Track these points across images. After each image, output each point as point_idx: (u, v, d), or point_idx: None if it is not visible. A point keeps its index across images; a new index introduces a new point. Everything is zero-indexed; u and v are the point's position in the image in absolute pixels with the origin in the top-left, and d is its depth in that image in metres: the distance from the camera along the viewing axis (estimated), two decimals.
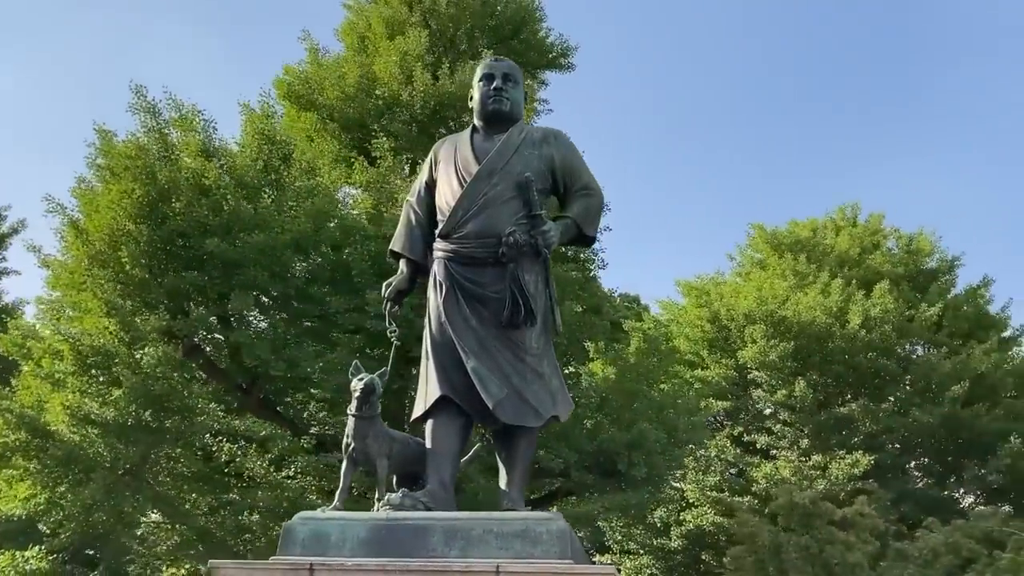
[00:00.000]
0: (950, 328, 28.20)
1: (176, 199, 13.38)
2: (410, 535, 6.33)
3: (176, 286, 13.44)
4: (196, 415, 12.72)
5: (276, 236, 13.32)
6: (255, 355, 13.26)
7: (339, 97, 17.52)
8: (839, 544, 14.33)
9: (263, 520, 13.45)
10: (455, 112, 17.40)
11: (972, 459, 24.78)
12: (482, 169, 7.53)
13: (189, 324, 13.18)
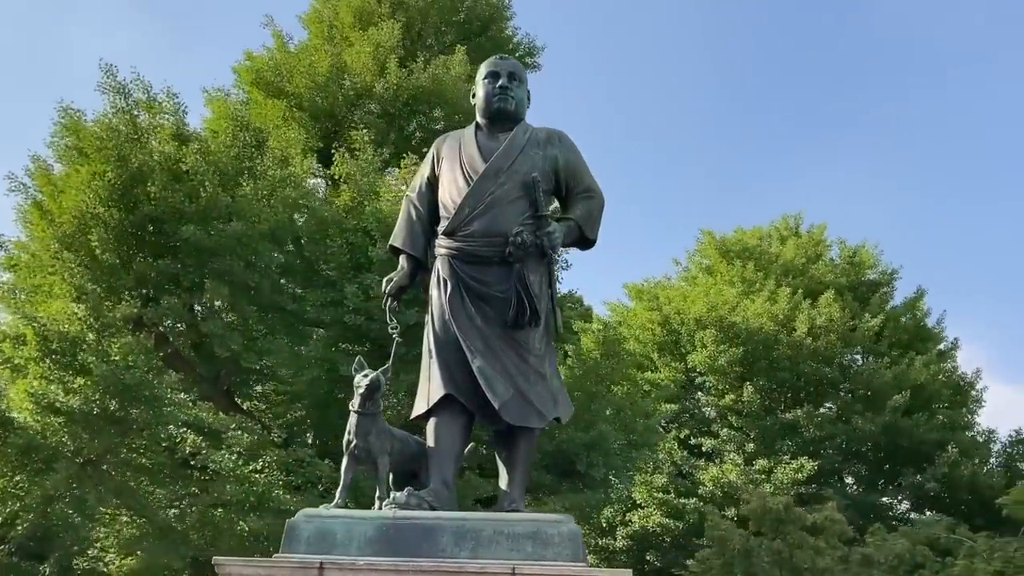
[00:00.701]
0: (890, 339, 29.02)
1: (152, 183, 12.98)
2: (419, 535, 6.26)
3: (147, 273, 13.04)
4: (165, 406, 12.37)
5: (253, 225, 13.02)
6: (227, 346, 12.94)
7: (308, 86, 17.25)
8: (809, 549, 14.64)
9: (228, 515, 13.16)
10: (427, 106, 17.27)
11: (909, 467, 25.51)
12: (489, 168, 7.49)
13: (160, 313, 12.80)
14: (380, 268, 13.13)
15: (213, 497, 12.94)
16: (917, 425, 25.13)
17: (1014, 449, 27.59)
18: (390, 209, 13.44)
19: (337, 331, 13.62)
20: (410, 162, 14.80)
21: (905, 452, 25.25)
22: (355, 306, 13.08)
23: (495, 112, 7.79)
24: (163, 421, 12.37)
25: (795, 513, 15.67)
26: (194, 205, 12.93)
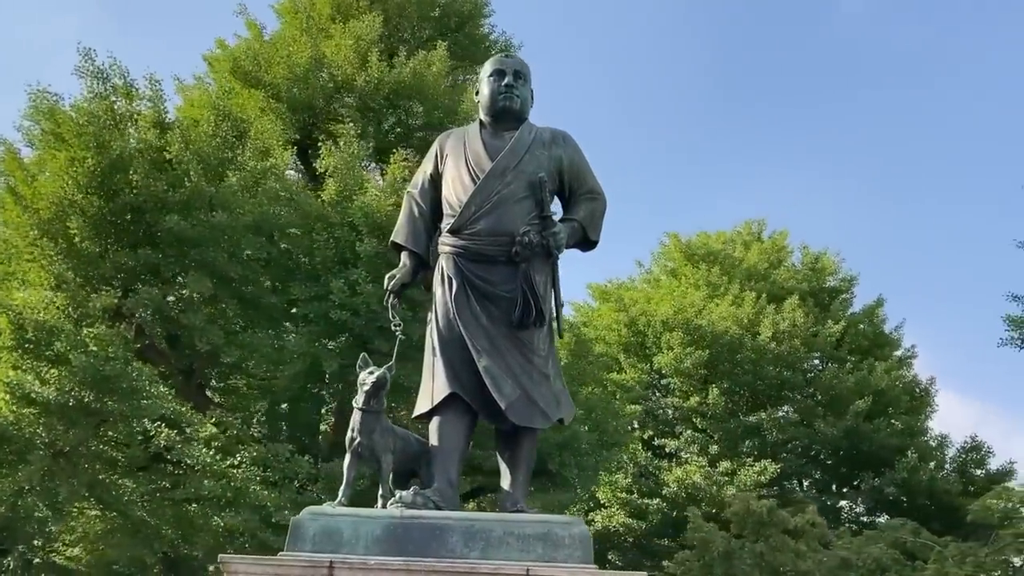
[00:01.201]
0: (850, 345, 29.49)
1: (134, 171, 12.66)
2: (427, 535, 6.20)
3: (126, 263, 12.72)
4: (143, 398, 12.08)
5: (238, 217, 12.77)
6: (207, 339, 12.68)
7: (286, 76, 16.99)
8: (790, 552, 14.82)
9: (202, 510, 12.89)
10: (408, 102, 17.10)
11: (869, 471, 25.97)
12: (495, 166, 7.44)
13: (139, 303, 12.49)
14: (366, 263, 13.01)
15: (190, 492, 12.68)
16: (878, 430, 25.59)
17: (968, 455, 28.16)
18: (378, 204, 13.30)
19: (320, 326, 13.44)
20: (400, 157, 14.66)
21: (865, 456, 25.69)
22: (340, 301, 12.92)
23: (500, 110, 7.75)
24: (140, 414, 12.09)
25: (778, 516, 15.85)
26: (177, 195, 12.64)
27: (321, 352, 13.06)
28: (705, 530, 16.04)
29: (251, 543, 12.87)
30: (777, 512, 16.07)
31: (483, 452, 15.15)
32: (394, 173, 14.19)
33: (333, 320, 13.09)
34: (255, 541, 12.75)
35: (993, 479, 27.73)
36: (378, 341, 13.21)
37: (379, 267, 12.91)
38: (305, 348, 12.93)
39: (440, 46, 17.96)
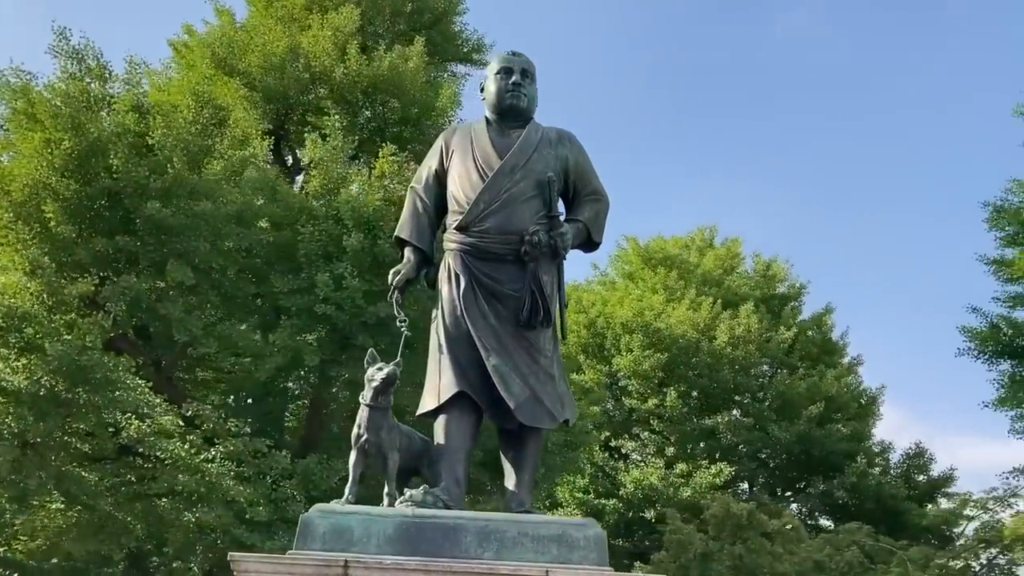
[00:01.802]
0: (800, 351, 30.06)
1: (114, 155, 12.26)
2: (441, 534, 6.14)
3: (104, 250, 12.32)
4: (117, 389, 11.70)
5: (221, 206, 12.46)
6: (186, 330, 12.35)
7: (261, 65, 16.65)
8: (767, 555, 15.03)
9: (174, 505, 12.54)
10: (385, 96, 16.88)
11: (819, 475, 26.49)
12: (505, 164, 7.41)
13: (117, 291, 12.10)
14: (352, 257, 12.83)
15: (161, 486, 12.34)
16: (828, 435, 26.11)
17: (911, 462, 28.90)
18: (365, 198, 13.12)
19: (302, 320, 13.20)
20: (387, 152, 14.47)
21: (816, 461, 26.19)
22: (325, 295, 12.71)
23: (507, 108, 7.70)
24: (114, 406, 11.72)
25: (757, 519, 16.08)
26: (159, 181, 12.29)
27: (302, 346, 12.84)
28: (684, 532, 16.19)
29: (224, 540, 12.62)
30: (756, 515, 16.30)
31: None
32: (382, 168, 14.01)
33: (317, 314, 12.88)
34: (228, 538, 12.49)
35: (935, 484, 28.60)
36: (362, 337, 13.04)
37: (364, 262, 12.79)
38: (287, 342, 12.71)
39: (418, 41, 17.82)
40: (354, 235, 12.84)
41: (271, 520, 12.46)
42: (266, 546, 12.20)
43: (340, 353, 13.36)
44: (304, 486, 13.06)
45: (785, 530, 16.16)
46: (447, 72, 21.37)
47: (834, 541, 17.18)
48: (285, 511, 12.61)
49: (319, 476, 13.11)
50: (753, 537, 15.40)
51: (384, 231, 13.12)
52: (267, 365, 12.82)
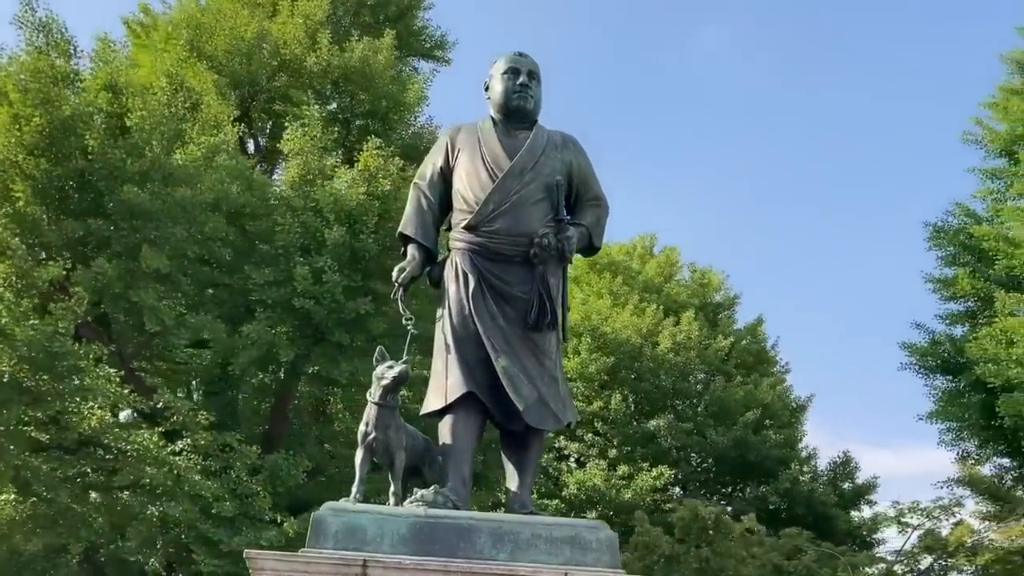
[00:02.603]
0: (736, 360, 30.72)
1: (90, 136, 11.81)
2: (455, 535, 6.16)
3: (75, 233, 11.85)
4: (86, 378, 11.26)
5: (199, 193, 12.11)
6: (158, 320, 11.97)
7: (228, 49, 16.23)
8: (730, 557, 15.32)
9: (138, 499, 12.11)
10: (355, 87, 16.63)
11: (754, 480, 27.13)
12: (514, 165, 7.45)
13: (89, 277, 11.65)
14: (331, 251, 12.63)
15: (126, 479, 11.94)
16: (763, 442, 26.74)
17: (838, 469, 29.78)
18: (347, 192, 12.94)
19: (277, 312, 12.94)
20: (373, 145, 14.28)
21: (751, 466, 26.79)
22: (303, 289, 12.48)
23: (513, 109, 7.74)
24: (81, 395, 11.29)
25: (724, 522, 16.39)
26: (137, 164, 11.88)
27: (276, 340, 12.60)
28: (652, 534, 16.41)
29: (188, 535, 12.31)
30: (723, 519, 16.64)
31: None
32: (366, 162, 13.83)
33: (293, 308, 12.65)
34: (193, 533, 12.18)
35: (859, 491, 29.56)
36: (338, 333, 12.87)
37: (343, 256, 12.62)
38: (261, 335, 12.45)
39: (388, 34, 17.65)
40: (335, 229, 12.66)
41: (235, 516, 12.22)
42: (234, 542, 11.99)
43: (313, 348, 13.17)
44: (271, 482, 12.84)
45: (747, 535, 16.56)
46: (408, 67, 21.19)
47: (776, 545, 17.65)
48: (250, 507, 12.37)
49: (286, 472, 12.90)
50: (719, 540, 15.73)
51: (367, 226, 12.97)
52: (241, 359, 12.54)
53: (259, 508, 12.24)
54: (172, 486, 11.71)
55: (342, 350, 13.06)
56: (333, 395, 14.56)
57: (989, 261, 18.14)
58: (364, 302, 12.54)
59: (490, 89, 8.09)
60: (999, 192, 19.16)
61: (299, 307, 12.48)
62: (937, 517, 18.81)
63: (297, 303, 12.45)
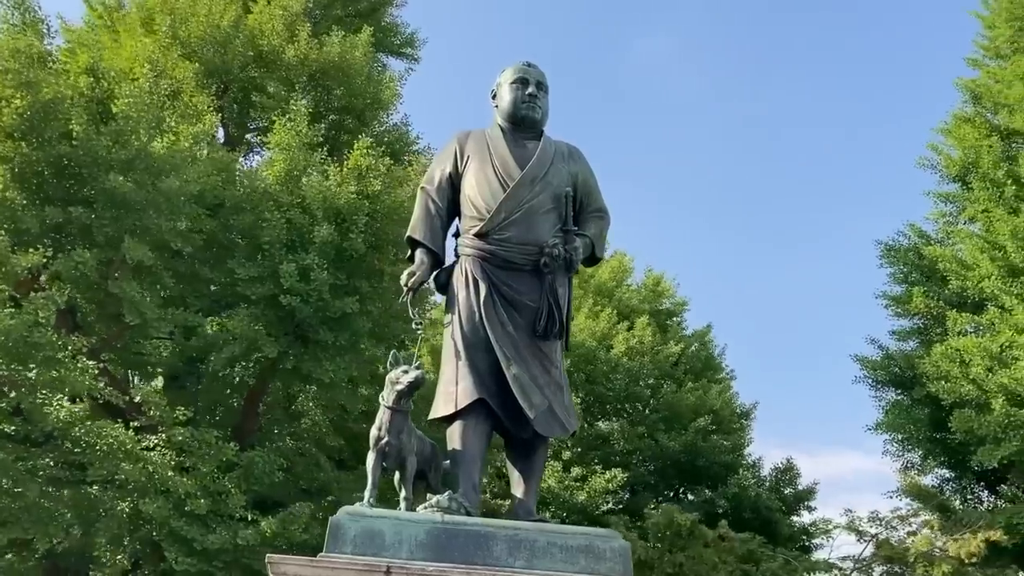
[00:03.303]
0: (685, 366, 31.21)
1: (75, 121, 11.46)
2: (471, 542, 6.26)
3: (56, 220, 11.49)
4: (64, 369, 10.91)
5: (185, 184, 11.84)
6: (138, 312, 11.68)
7: (202, 37, 15.88)
8: (704, 563, 15.57)
9: (109, 495, 11.78)
10: (333, 82, 16.45)
11: (703, 485, 27.59)
12: (525, 175, 7.59)
13: (70, 266, 11.30)
14: (318, 249, 12.50)
15: (100, 473, 11.62)
16: (713, 447, 27.24)
17: (781, 475, 30.44)
18: (337, 190, 12.82)
19: (259, 308, 12.75)
20: (364, 144, 14.16)
21: (701, 471, 27.25)
22: (290, 286, 12.32)
23: (521, 119, 7.89)
24: (59, 387, 10.95)
25: (699, 529, 16.66)
26: (123, 153, 11.57)
27: (259, 336, 12.42)
28: (627, 538, 16.48)
29: (160, 532, 12.06)
30: (698, 526, 16.92)
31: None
32: (356, 161, 13.71)
33: (281, 304, 12.48)
34: (165, 530, 11.94)
35: (799, 497, 30.34)
36: (323, 332, 12.75)
37: (330, 254, 12.50)
38: (245, 330, 12.27)
39: (365, 30, 17.51)
40: (324, 227, 12.56)
41: (207, 513, 12.02)
42: (208, 540, 11.82)
43: (294, 345, 13.03)
44: (245, 479, 12.67)
45: (719, 542, 16.89)
46: (378, 64, 21.05)
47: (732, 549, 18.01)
48: (222, 504, 12.19)
49: (261, 470, 12.74)
50: (693, 546, 16.01)
51: (357, 225, 12.89)
52: (223, 354, 12.36)
53: (232, 506, 12.07)
54: (146, 482, 11.48)
55: (324, 348, 12.96)
56: (305, 392, 14.43)
57: (941, 281, 18.83)
58: (350, 301, 12.46)
59: (498, 97, 8.20)
60: (951, 215, 19.90)
61: (285, 304, 12.33)
62: (895, 527, 19.51)
63: (284, 300, 12.31)
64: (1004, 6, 22.47)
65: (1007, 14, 22.30)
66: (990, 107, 20.32)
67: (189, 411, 12.40)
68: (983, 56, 23.08)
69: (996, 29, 22.66)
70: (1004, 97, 19.71)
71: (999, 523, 15.51)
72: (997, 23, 22.61)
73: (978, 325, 16.69)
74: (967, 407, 15.83)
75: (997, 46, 22.66)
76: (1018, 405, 14.85)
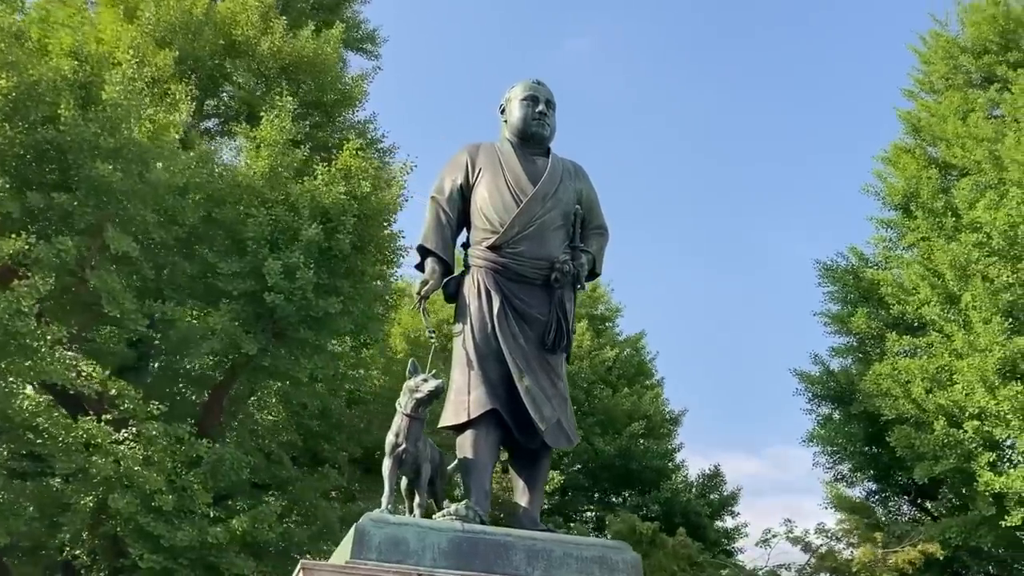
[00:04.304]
0: (618, 371, 31.81)
1: (64, 107, 11.03)
2: (492, 551, 6.45)
3: (36, 206, 11.05)
4: (41, 359, 10.52)
5: (173, 175, 11.53)
6: (117, 304, 11.32)
7: (174, 23, 15.42)
8: (664, 572, 15.89)
9: (74, 488, 11.36)
10: (304, 76, 16.19)
11: (635, 489, 28.17)
12: (538, 191, 7.83)
13: (51, 253, 10.87)
14: (304, 248, 12.36)
15: (70, 467, 11.24)
16: (646, 452, 27.84)
17: (707, 481, 31.31)
18: (325, 189, 12.69)
19: (240, 304, 12.53)
20: (354, 146, 14.03)
21: (634, 475, 27.82)
22: (274, 283, 12.15)
23: (531, 135, 8.14)
24: (36, 377, 10.56)
25: (660, 538, 17.01)
26: (112, 141, 11.21)
27: (239, 333, 12.21)
28: None
29: (124, 527, 11.75)
30: (659, 534, 17.29)
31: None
32: (345, 162, 13.59)
33: (262, 301, 12.29)
34: (131, 525, 11.65)
35: (724, 502, 31.29)
36: (304, 331, 12.65)
37: (314, 253, 12.38)
38: (226, 326, 12.04)
39: (337, 26, 17.34)
40: (313, 226, 12.44)
41: (173, 510, 11.77)
42: (177, 537, 11.61)
43: (273, 343, 12.87)
44: (213, 476, 12.46)
45: (680, 549, 17.31)
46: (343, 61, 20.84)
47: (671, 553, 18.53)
48: (187, 501, 11.96)
49: (229, 467, 12.55)
50: (653, 554, 16.37)
51: (345, 226, 12.82)
52: (203, 349, 12.13)
53: (198, 503, 11.87)
54: (113, 476, 11.17)
55: (301, 346, 12.88)
56: (268, 388, 14.28)
57: (879, 302, 19.69)
58: (333, 301, 12.40)
59: (507, 112, 8.39)
60: (891, 240, 20.80)
61: (269, 302, 12.18)
62: (839, 538, 20.34)
63: (269, 298, 12.14)
64: (941, 44, 23.57)
65: (943, 52, 23.40)
66: (929, 139, 21.29)
67: (164, 406, 12.14)
68: (919, 89, 24.17)
69: (932, 65, 23.74)
70: (941, 131, 20.66)
71: (936, 537, 16.34)
72: (933, 59, 23.68)
73: (915, 347, 17.54)
74: (906, 424, 16.64)
75: (932, 81, 23.76)
76: (955, 426, 15.70)
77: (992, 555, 17.90)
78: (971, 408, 15.40)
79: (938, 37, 23.62)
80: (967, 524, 16.11)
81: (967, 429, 15.53)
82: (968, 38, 22.59)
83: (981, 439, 15.47)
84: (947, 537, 16.32)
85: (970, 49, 22.40)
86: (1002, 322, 15.44)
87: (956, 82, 22.82)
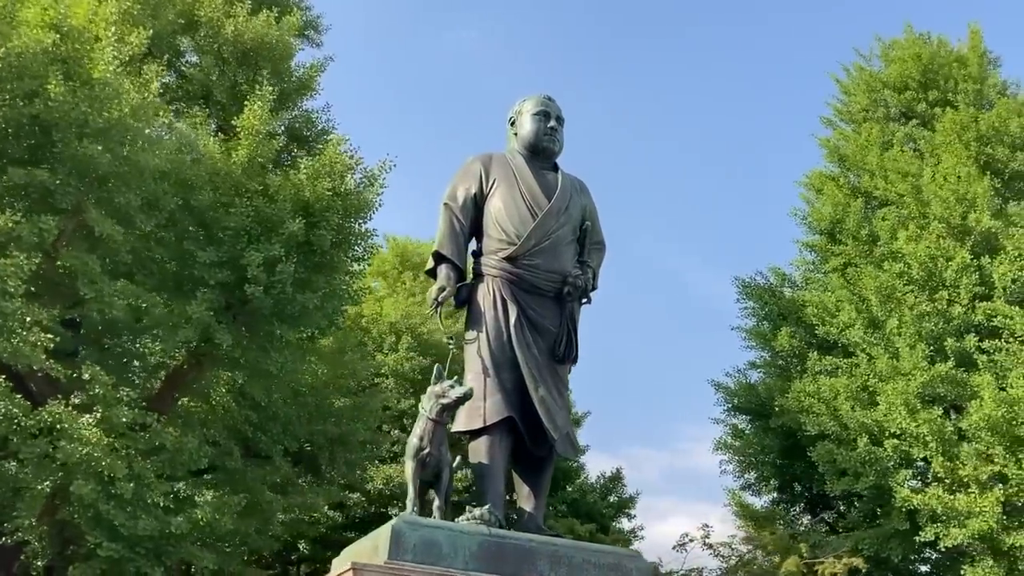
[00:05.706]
0: None
1: (53, 81, 10.38)
2: (519, 556, 6.74)
3: (17, 182, 10.37)
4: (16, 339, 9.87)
5: (156, 159, 11.03)
6: (93, 287, 10.77)
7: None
8: None
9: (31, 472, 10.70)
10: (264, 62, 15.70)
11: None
12: (553, 206, 8.18)
13: (33, 232, 10.22)
14: (286, 242, 12.09)
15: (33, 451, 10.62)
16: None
17: (609, 484, 32.22)
18: (308, 183, 12.43)
19: (215, 294, 12.13)
20: (338, 140, 13.76)
21: None
22: (253, 276, 11.82)
23: (542, 149, 8.49)
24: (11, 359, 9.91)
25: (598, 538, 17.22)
26: (102, 120, 10.66)
27: (212, 323, 11.85)
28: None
29: (83, 515, 11.23)
30: (596, 535, 17.52)
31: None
32: (330, 156, 13.31)
33: (237, 293, 11.94)
34: (89, 512, 11.15)
35: (623, 504, 32.25)
36: (280, 327, 12.40)
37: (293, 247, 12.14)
38: (202, 316, 11.65)
39: (295, 13, 16.97)
40: (297, 221, 12.19)
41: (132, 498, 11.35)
42: (138, 526, 11.24)
43: (243, 335, 12.56)
44: (170, 464, 12.07)
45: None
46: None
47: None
48: (145, 489, 11.53)
49: (188, 457, 12.17)
50: None
51: (329, 222, 12.64)
52: (177, 338, 11.71)
53: (155, 492, 11.48)
54: (77, 462, 10.67)
55: (271, 340, 12.64)
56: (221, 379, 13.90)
57: (797, 321, 20.58)
58: (312, 296, 12.22)
59: (518, 125, 8.67)
60: (814, 264, 21.79)
61: (249, 293, 11.88)
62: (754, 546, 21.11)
63: (248, 289, 11.84)
64: (864, 77, 24.74)
65: (865, 85, 24.58)
66: (853, 168, 22.32)
67: (134, 393, 11.72)
68: (837, 118, 25.30)
69: (852, 96, 24.90)
70: (863, 162, 21.72)
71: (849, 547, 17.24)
72: (854, 90, 24.83)
73: (837, 367, 18.44)
74: (827, 440, 17.51)
75: (851, 112, 24.91)
76: (877, 444, 16.63)
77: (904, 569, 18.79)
78: (891, 428, 16.35)
79: (861, 70, 24.75)
80: (879, 536, 17.06)
81: (887, 447, 16.48)
82: (890, 74, 23.70)
83: (899, 457, 16.44)
84: (859, 548, 17.28)
85: (891, 84, 23.54)
86: (925, 348, 16.46)
87: (876, 115, 23.93)
